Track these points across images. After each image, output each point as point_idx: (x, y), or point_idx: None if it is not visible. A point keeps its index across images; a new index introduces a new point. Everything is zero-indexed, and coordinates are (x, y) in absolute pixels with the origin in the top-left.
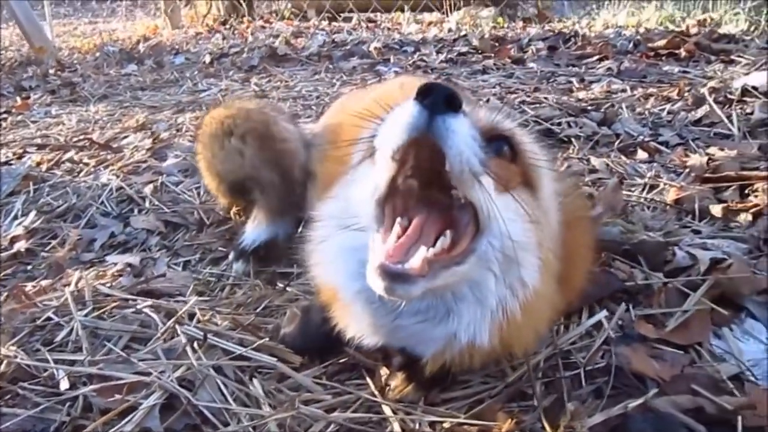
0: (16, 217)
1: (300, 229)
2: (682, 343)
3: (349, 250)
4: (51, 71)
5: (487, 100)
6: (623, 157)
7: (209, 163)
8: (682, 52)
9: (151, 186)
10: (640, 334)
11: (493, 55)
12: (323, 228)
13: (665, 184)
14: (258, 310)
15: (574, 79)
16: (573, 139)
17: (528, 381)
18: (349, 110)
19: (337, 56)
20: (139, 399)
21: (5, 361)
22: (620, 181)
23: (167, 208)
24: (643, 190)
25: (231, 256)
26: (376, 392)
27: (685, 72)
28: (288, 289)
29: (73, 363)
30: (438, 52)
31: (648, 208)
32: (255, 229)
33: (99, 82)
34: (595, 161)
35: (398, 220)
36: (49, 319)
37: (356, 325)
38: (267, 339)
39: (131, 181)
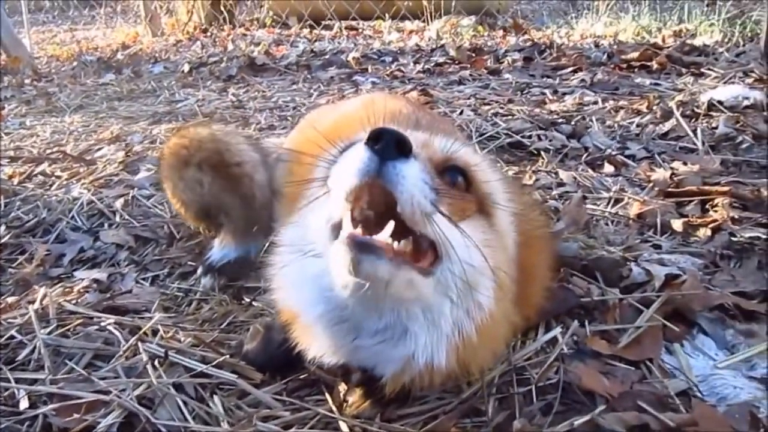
0: None
1: (264, 251)
2: (634, 359)
3: (310, 277)
4: (27, 81)
5: (461, 112)
6: (590, 171)
7: (173, 192)
8: (654, 65)
9: (122, 200)
10: (594, 350)
11: (469, 65)
12: (284, 254)
13: (629, 198)
14: (222, 326)
15: (547, 91)
16: (542, 152)
17: (482, 397)
18: (314, 128)
19: (315, 66)
20: (98, 418)
21: None
22: (584, 196)
23: (138, 222)
24: (607, 204)
25: (199, 271)
26: (335, 408)
27: (656, 84)
28: (254, 303)
29: (34, 382)
30: (415, 63)
31: (611, 222)
32: (222, 249)
33: (75, 92)
34: (563, 174)
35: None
36: (12, 337)
37: (317, 345)
38: (228, 356)
39: (102, 194)
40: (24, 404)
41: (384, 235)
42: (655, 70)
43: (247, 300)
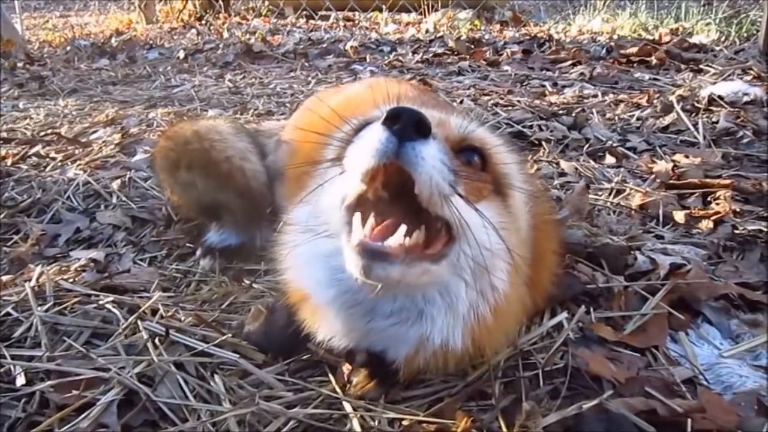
0: None
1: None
2: (640, 346)
3: (321, 257)
4: (19, 65)
5: (461, 102)
6: (592, 162)
7: (171, 192)
8: (653, 60)
9: (118, 181)
10: (599, 337)
11: (468, 57)
12: (294, 233)
13: (631, 189)
14: (223, 307)
15: (547, 83)
16: (544, 143)
17: (488, 380)
18: (318, 110)
19: (313, 54)
20: (97, 395)
21: None
22: (587, 185)
23: (134, 204)
24: (609, 194)
25: (198, 253)
26: (338, 389)
27: (655, 79)
28: (254, 285)
29: (30, 359)
30: (414, 53)
31: (613, 212)
32: (221, 234)
33: (69, 76)
34: (565, 165)
35: (372, 214)
36: (8, 314)
37: (328, 327)
38: (230, 336)
39: (98, 176)
40: (20, 381)
41: (396, 239)
42: (654, 65)
43: (248, 282)
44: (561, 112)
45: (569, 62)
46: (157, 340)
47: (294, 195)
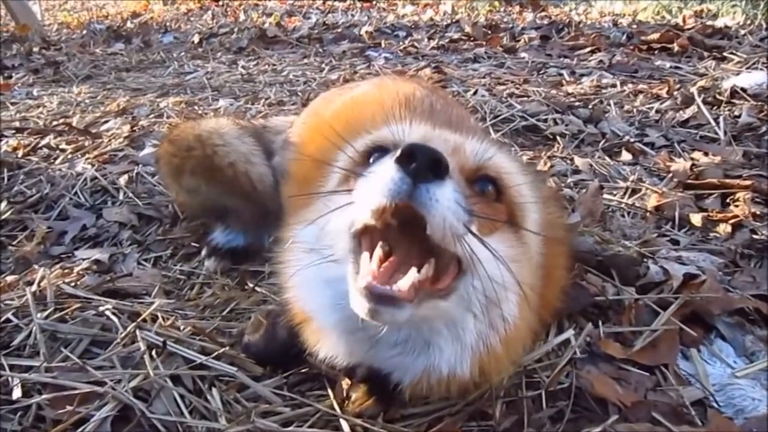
0: None
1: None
2: (649, 364)
3: (326, 281)
4: (35, 49)
5: (475, 92)
6: (607, 158)
7: (176, 195)
8: (675, 47)
9: (126, 176)
10: (607, 354)
11: (484, 43)
12: (298, 254)
13: (647, 188)
14: (224, 313)
15: (564, 72)
16: (558, 137)
17: (489, 400)
18: (324, 112)
19: (327, 39)
20: (92, 410)
21: None
22: (601, 186)
23: (141, 200)
24: (624, 194)
25: (203, 253)
26: (336, 405)
27: (676, 68)
28: (257, 289)
29: (28, 369)
30: (429, 38)
31: (628, 214)
32: (228, 234)
33: (84, 61)
34: (579, 161)
35: (380, 243)
36: (8, 320)
37: (329, 349)
38: (228, 347)
39: (106, 170)
40: (17, 393)
41: (406, 282)
42: (675, 52)
43: (251, 285)
44: (578, 104)
45: (588, 49)
46: (154, 352)
47: (298, 202)
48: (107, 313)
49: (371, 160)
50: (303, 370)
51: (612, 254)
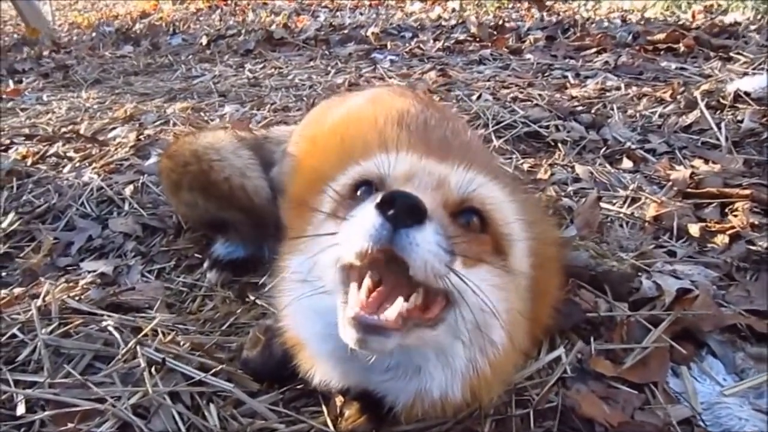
0: None
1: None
2: (638, 382)
3: (318, 312)
4: (45, 53)
5: (479, 96)
6: (608, 166)
7: (177, 209)
8: (681, 47)
9: (131, 187)
10: (597, 372)
11: (490, 44)
12: (292, 283)
13: (647, 198)
14: (224, 328)
15: (569, 74)
16: (560, 144)
17: (479, 418)
18: (321, 125)
19: (334, 41)
20: (92, 427)
21: None
22: (599, 197)
23: (146, 211)
24: (624, 203)
25: (205, 265)
26: (329, 422)
27: (682, 68)
28: (257, 302)
29: (32, 385)
30: (435, 39)
31: (626, 224)
32: (228, 247)
33: (92, 65)
34: (580, 169)
35: (369, 273)
36: (14, 336)
37: (324, 374)
38: (227, 363)
39: (112, 180)
40: (21, 409)
41: (393, 311)
42: (681, 53)
43: (251, 298)
44: (581, 108)
45: (594, 49)
46: (154, 369)
47: (294, 218)
48: (110, 328)
49: (358, 193)
50: (299, 386)
51: (606, 270)
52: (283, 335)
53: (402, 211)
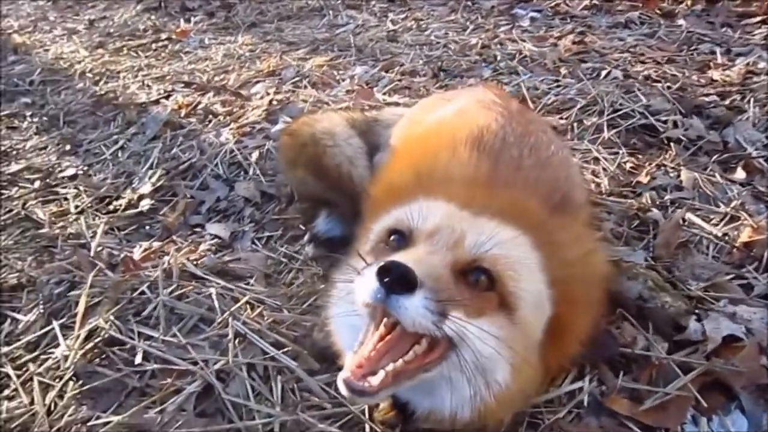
0: (151, 167)
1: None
2: (652, 425)
3: (352, 329)
4: None
5: (608, 74)
6: (717, 175)
7: (290, 181)
8: None
9: (257, 152)
10: (612, 409)
11: (641, 3)
12: (337, 300)
13: (745, 218)
14: (304, 306)
15: (718, 50)
16: (673, 144)
17: None
18: (416, 127)
19: None
20: (184, 384)
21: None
22: (683, 219)
23: (266, 178)
24: (720, 221)
25: (306, 238)
26: (367, 410)
27: None
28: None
29: (149, 338)
30: None
31: (713, 246)
32: (328, 223)
33: (252, 6)
34: (685, 175)
35: (384, 320)
36: (143, 292)
37: None
38: (295, 344)
39: (243, 143)
40: (138, 359)
41: (376, 380)
42: None
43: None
44: (711, 99)
45: (759, 18)
46: (238, 341)
47: (367, 212)
48: (213, 296)
49: (391, 238)
50: None
51: (655, 306)
52: (329, 339)
53: (395, 280)
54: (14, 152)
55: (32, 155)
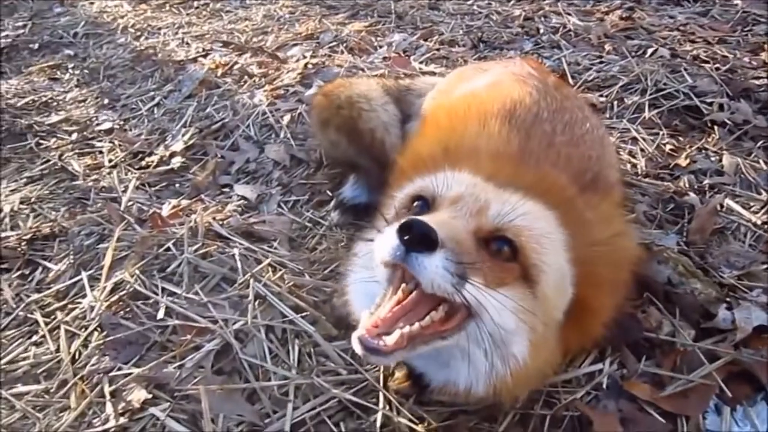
0: (184, 125)
1: None
2: (672, 412)
3: (369, 297)
4: None
5: (654, 52)
6: (761, 161)
7: (320, 142)
8: None
9: (289, 116)
10: (631, 393)
11: None
12: (356, 267)
13: None
14: (325, 272)
15: None
16: (717, 127)
17: (505, 408)
18: (449, 97)
19: None
20: (203, 342)
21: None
22: (720, 204)
23: (296, 142)
24: (761, 209)
25: (332, 204)
26: (382, 377)
27: None
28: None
29: (172, 294)
30: None
31: (750, 234)
32: (355, 190)
33: None
34: (727, 160)
35: (402, 286)
36: (168, 249)
37: None
38: (314, 309)
39: (276, 106)
40: (160, 314)
41: (392, 339)
42: None
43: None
44: (762, 83)
45: None
46: (257, 303)
47: (393, 179)
48: (236, 256)
49: (414, 204)
50: None
51: (683, 292)
52: (347, 306)
53: (416, 238)
54: (55, 103)
55: (72, 107)
